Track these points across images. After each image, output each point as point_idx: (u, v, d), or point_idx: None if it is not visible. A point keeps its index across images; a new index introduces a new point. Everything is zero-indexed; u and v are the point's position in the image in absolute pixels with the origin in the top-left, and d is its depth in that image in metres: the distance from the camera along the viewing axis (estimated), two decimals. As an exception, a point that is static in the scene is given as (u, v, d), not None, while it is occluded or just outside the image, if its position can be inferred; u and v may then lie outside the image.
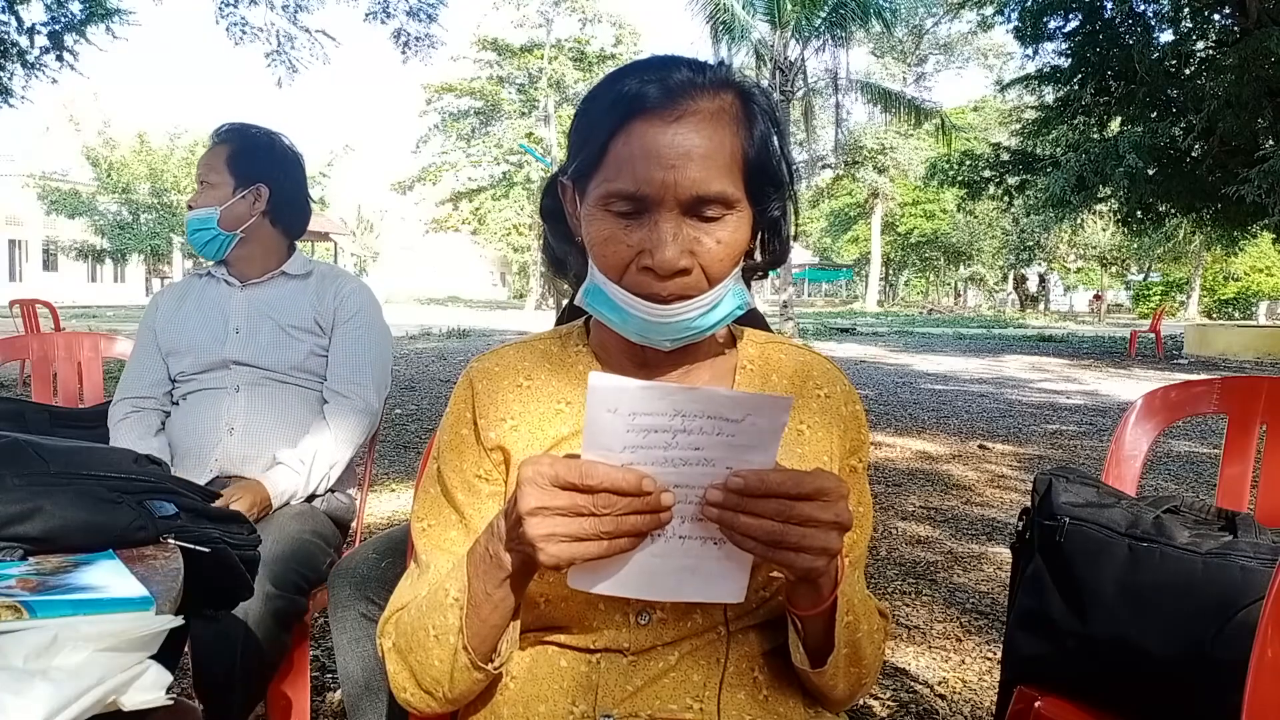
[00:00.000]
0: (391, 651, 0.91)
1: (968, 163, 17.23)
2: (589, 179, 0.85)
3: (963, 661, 2.57)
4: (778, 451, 0.72)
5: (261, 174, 1.94)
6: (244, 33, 11.06)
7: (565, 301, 1.50)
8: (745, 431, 0.70)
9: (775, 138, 0.88)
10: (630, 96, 0.82)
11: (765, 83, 17.40)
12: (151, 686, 0.73)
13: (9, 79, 11.39)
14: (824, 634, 0.85)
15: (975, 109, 40.36)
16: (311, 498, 1.84)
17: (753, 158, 0.85)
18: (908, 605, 3.01)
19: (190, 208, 1.93)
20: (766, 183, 0.87)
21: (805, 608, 0.83)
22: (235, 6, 10.95)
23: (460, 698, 0.89)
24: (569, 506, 0.70)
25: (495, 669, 0.86)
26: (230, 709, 1.50)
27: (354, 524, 1.99)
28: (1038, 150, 15.87)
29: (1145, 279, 44.52)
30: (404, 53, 11.69)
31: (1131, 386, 10.47)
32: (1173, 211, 15.69)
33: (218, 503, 1.62)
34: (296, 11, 11.26)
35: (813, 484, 0.72)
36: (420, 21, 11.54)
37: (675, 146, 0.80)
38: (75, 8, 11.40)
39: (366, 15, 11.40)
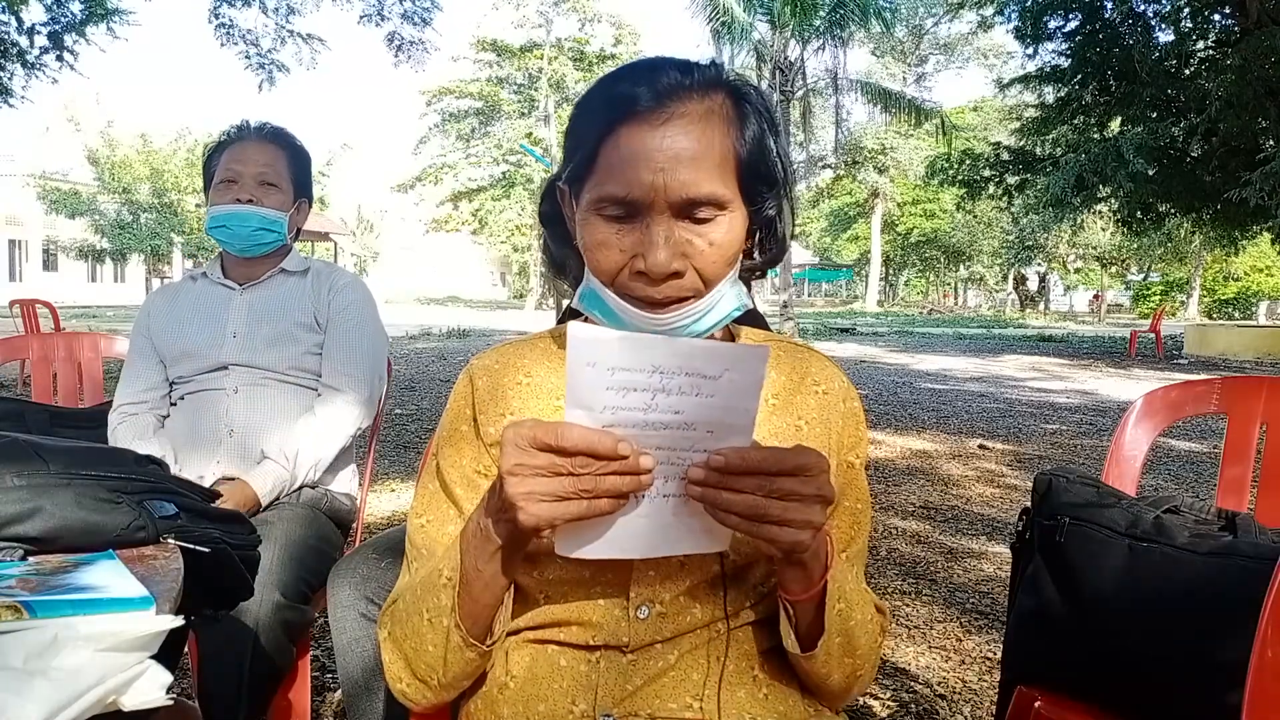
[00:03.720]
0: (387, 640, 0.91)
1: (968, 162, 17.24)
2: (582, 184, 0.86)
3: (963, 661, 2.57)
4: (758, 408, 0.72)
5: (307, 190, 1.99)
6: (229, 35, 11.07)
7: (566, 302, 1.50)
8: (724, 390, 0.70)
9: (770, 136, 0.88)
10: (619, 101, 0.83)
11: (765, 83, 17.42)
12: (151, 686, 0.73)
13: (9, 79, 11.39)
14: (815, 619, 0.85)
15: (975, 109, 40.36)
16: (303, 490, 1.84)
17: (745, 157, 0.85)
18: (907, 605, 3.01)
19: (244, 201, 1.86)
20: (760, 182, 0.87)
21: (796, 592, 0.83)
22: (232, 6, 10.96)
23: (454, 682, 0.89)
24: (547, 466, 0.71)
25: (488, 647, 0.86)
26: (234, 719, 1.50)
27: (354, 524, 1.99)
28: (1038, 150, 15.88)
29: (1145, 279, 44.51)
30: (397, 56, 11.72)
31: (1131, 386, 10.47)
32: (1173, 212, 15.70)
33: None
34: (288, 15, 11.27)
35: (794, 460, 0.73)
36: (415, 26, 11.57)
37: (664, 149, 0.81)
38: (75, 8, 11.40)
39: (361, 18, 11.42)
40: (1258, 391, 1.65)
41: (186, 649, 1.59)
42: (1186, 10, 13.40)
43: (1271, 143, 12.26)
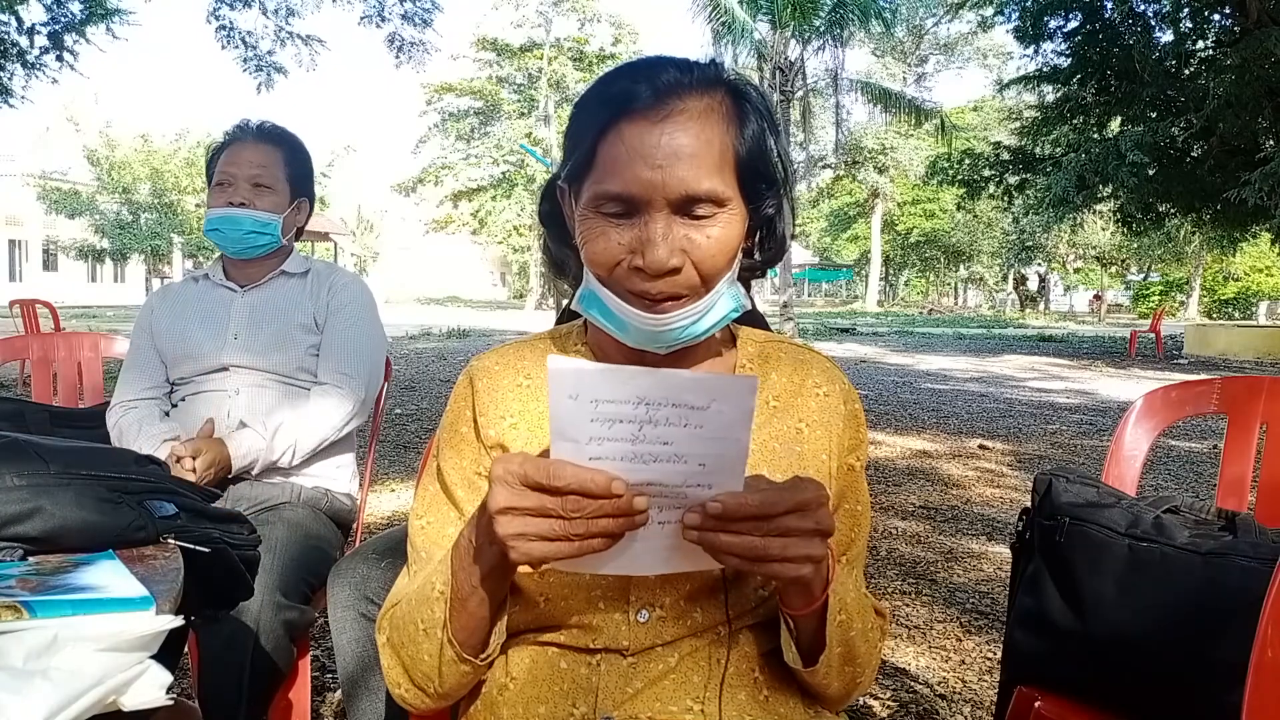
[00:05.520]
0: (386, 647, 0.91)
1: (968, 162, 17.24)
2: (581, 181, 0.85)
3: (963, 661, 2.57)
4: (750, 439, 0.70)
5: (306, 188, 1.97)
6: (230, 37, 11.07)
7: (565, 302, 1.50)
8: (712, 420, 0.68)
9: (769, 135, 0.88)
10: (618, 98, 0.82)
11: (765, 83, 17.44)
12: (151, 686, 0.73)
13: (9, 79, 11.39)
14: (816, 633, 0.85)
15: (975, 109, 40.37)
16: (303, 490, 1.84)
17: (744, 155, 0.85)
18: (908, 605, 3.01)
19: (236, 204, 1.85)
20: (759, 180, 0.87)
21: (797, 607, 0.83)
22: (232, 7, 10.96)
23: (451, 692, 0.89)
24: (537, 507, 0.69)
25: (483, 661, 0.86)
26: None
27: (354, 524, 1.99)
28: (1038, 150, 15.88)
29: (1145, 279, 44.52)
30: (398, 57, 11.72)
31: (1131, 386, 10.47)
32: (1173, 212, 15.70)
33: (174, 452, 1.62)
34: (288, 16, 11.27)
35: (791, 500, 0.72)
36: (415, 27, 11.56)
37: (662, 146, 0.80)
38: (75, 8, 11.40)
39: (361, 19, 11.42)
40: (1258, 391, 1.65)
41: (186, 649, 1.59)
42: (1186, 10, 13.40)
43: (1271, 142, 12.27)
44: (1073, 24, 14.28)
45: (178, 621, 0.78)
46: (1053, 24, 14.43)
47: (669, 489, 0.71)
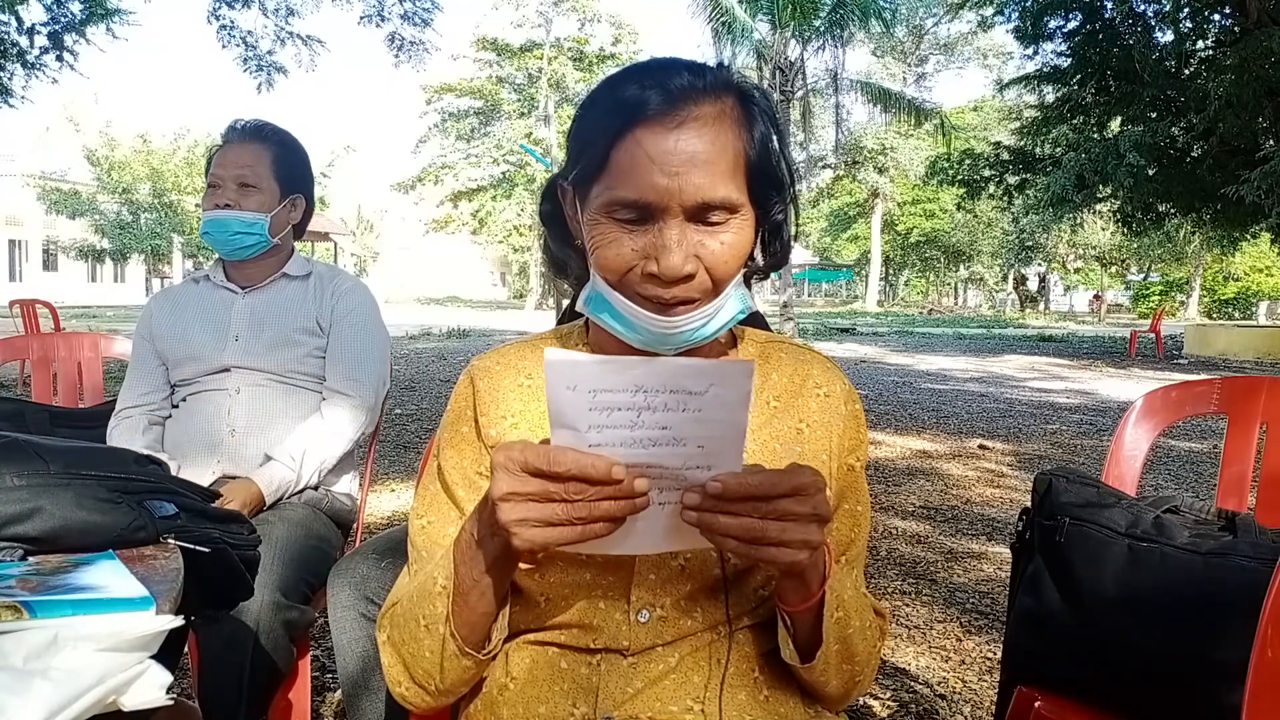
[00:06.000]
0: (386, 644, 0.91)
1: (968, 162, 17.24)
2: (590, 185, 0.84)
3: (963, 661, 2.57)
4: (748, 421, 0.71)
5: (300, 185, 1.95)
6: (230, 37, 11.08)
7: (565, 302, 1.50)
8: (710, 404, 0.69)
9: (775, 139, 0.88)
10: (630, 103, 0.81)
11: (765, 83, 17.49)
12: (151, 686, 0.73)
13: (9, 79, 11.39)
14: (813, 629, 0.85)
15: (975, 109, 40.39)
16: (304, 490, 1.84)
17: (754, 160, 0.85)
18: (908, 605, 3.01)
19: (222, 205, 1.85)
20: (769, 185, 0.87)
21: (794, 603, 0.83)
22: (232, 7, 10.97)
23: (452, 688, 0.89)
24: (539, 493, 0.70)
25: (485, 655, 0.86)
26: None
27: (354, 524, 1.99)
28: (1038, 150, 15.88)
29: (1145, 279, 44.54)
30: (397, 57, 11.73)
31: (1131, 386, 10.47)
32: (1173, 211, 15.71)
33: None
34: (288, 16, 11.28)
35: (790, 483, 0.72)
36: (415, 26, 11.57)
37: (678, 153, 0.80)
38: (75, 8, 11.40)
39: (361, 19, 11.43)
40: (1258, 391, 1.65)
41: (186, 649, 1.59)
42: (1186, 10, 13.39)
43: (1271, 142, 12.27)
44: (1073, 24, 14.29)
45: (178, 621, 0.78)
46: (1053, 24, 14.44)
47: (669, 471, 0.72)
